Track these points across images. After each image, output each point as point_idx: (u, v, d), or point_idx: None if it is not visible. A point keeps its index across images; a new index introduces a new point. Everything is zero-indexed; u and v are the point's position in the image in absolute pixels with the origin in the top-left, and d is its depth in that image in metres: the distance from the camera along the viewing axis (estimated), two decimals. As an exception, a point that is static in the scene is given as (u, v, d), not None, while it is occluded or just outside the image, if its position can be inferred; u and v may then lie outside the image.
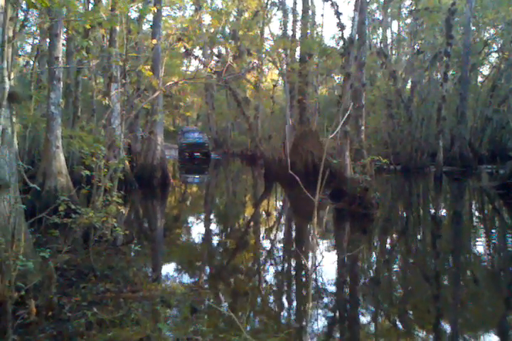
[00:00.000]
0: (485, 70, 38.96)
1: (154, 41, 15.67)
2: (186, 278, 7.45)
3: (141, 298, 5.86)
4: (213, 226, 12.45)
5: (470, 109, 30.36)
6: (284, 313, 6.21)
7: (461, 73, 28.57)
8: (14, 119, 6.30)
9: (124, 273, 6.81)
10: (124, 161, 9.55)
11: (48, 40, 16.08)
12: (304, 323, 5.57)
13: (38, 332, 4.66)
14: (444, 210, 14.85)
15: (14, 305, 4.67)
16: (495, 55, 35.99)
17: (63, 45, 14.85)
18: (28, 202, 6.54)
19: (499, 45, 33.78)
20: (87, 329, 4.81)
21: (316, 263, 3.39)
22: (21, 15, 18.17)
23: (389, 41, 33.09)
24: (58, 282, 5.64)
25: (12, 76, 6.01)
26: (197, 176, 25.70)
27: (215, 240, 10.70)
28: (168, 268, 8.09)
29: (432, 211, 14.82)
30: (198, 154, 31.65)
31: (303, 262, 8.20)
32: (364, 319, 6.02)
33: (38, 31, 21.78)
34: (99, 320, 5.02)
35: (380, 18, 31.71)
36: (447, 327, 5.88)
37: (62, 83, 12.34)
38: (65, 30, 14.75)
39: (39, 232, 7.05)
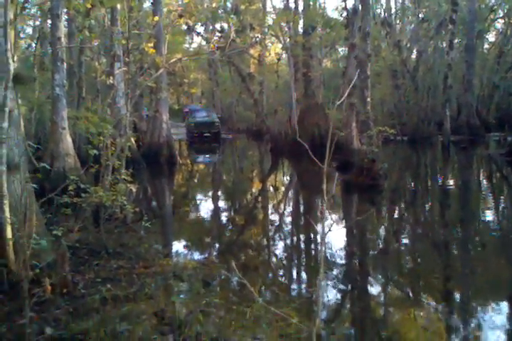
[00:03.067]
0: (491, 37, 38.37)
1: (156, 18, 15.55)
2: (197, 253, 7.54)
3: (153, 273, 5.95)
4: (222, 203, 12.52)
5: (477, 76, 29.99)
6: (295, 284, 6.29)
7: (466, 40, 28.14)
8: (19, 102, 6.31)
9: (135, 249, 6.90)
10: (130, 139, 9.57)
11: (49, 21, 16.00)
12: (316, 293, 5.65)
13: (54, 309, 4.75)
14: (452, 180, 14.84)
15: (30, 284, 4.76)
16: (501, 21, 35.38)
17: (64, 26, 14.74)
18: (37, 183, 6.59)
19: (505, 11, 33.20)
20: (102, 305, 4.89)
21: (326, 230, 3.41)
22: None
23: (393, 10, 32.58)
24: (71, 260, 5.72)
25: (15, 58, 6.00)
26: (207, 156, 25.35)
27: (224, 216, 10.78)
28: (179, 244, 8.19)
29: (440, 181, 14.80)
30: (208, 134, 29.76)
31: (313, 230, 8.28)
32: (374, 288, 6.10)
33: (39, 13, 21.59)
34: (113, 295, 5.11)
35: (384, -14, 31.17)
36: (458, 296, 5.91)
37: (65, 64, 12.30)
38: (65, 10, 14.59)
39: (50, 212, 7.13)
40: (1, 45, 5.46)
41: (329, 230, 3.53)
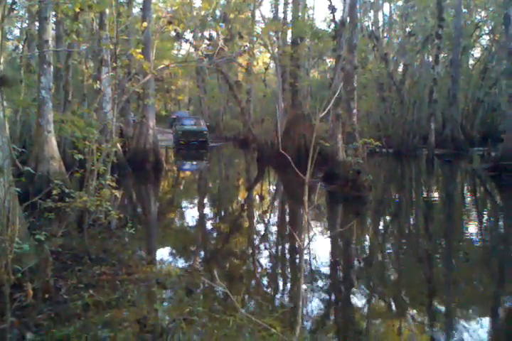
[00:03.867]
0: (476, 53, 38.95)
1: (145, 24, 15.54)
2: (181, 261, 7.50)
3: (136, 280, 5.90)
4: (207, 210, 12.48)
5: (461, 91, 30.39)
6: (279, 294, 6.27)
7: (452, 56, 28.53)
8: (5, 104, 6.26)
9: (119, 256, 6.84)
10: (116, 144, 9.53)
11: (37, 23, 15.92)
12: (297, 303, 5.65)
13: (36, 314, 4.70)
14: (436, 192, 14.96)
15: (11, 288, 4.69)
16: (486, 37, 35.99)
17: (52, 28, 14.69)
18: (21, 187, 6.53)
19: (490, 28, 33.73)
20: (84, 311, 4.85)
21: (308, 240, 3.42)
22: (9, -1, 17.89)
23: (380, 24, 32.95)
24: (54, 265, 5.65)
25: (2, 60, 5.96)
26: (194, 163, 25.09)
27: (209, 223, 10.74)
28: (163, 251, 8.14)
29: (424, 193, 14.92)
30: (196, 142, 29.28)
31: (297, 240, 8.28)
32: (357, 299, 6.10)
33: (27, 15, 21.49)
34: (95, 301, 5.07)
35: (372, 0, 31.52)
36: (441, 308, 5.94)
37: (52, 67, 12.24)
38: (54, 13, 14.55)
39: (33, 216, 7.05)
40: (-11, 48, 5.43)
41: (310, 241, 3.53)
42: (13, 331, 4.31)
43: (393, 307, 5.95)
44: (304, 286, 5.04)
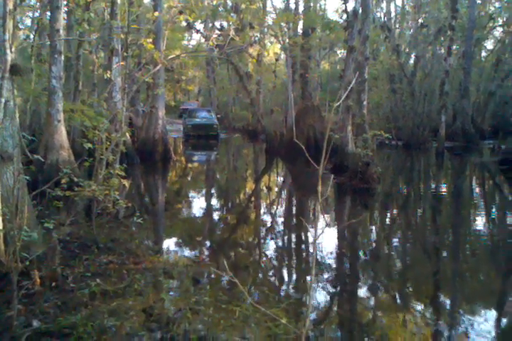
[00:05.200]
0: (489, 44, 38.52)
1: (156, 14, 15.49)
2: (188, 251, 7.52)
3: (143, 269, 5.93)
4: (215, 201, 12.50)
5: (473, 83, 30.11)
6: (285, 285, 6.28)
7: (465, 47, 28.23)
8: (15, 92, 6.28)
9: (126, 245, 6.87)
10: (125, 134, 9.53)
11: (48, 13, 15.94)
12: (306, 294, 5.66)
13: (43, 302, 4.73)
14: (445, 185, 14.88)
15: (19, 276, 4.72)
16: (500, 29, 35.53)
17: (64, 18, 14.67)
18: (30, 175, 6.56)
19: (504, 19, 33.32)
20: (90, 300, 4.88)
21: (321, 231, 3.39)
22: (21, -13, 17.90)
23: (393, 15, 32.68)
24: (61, 254, 5.69)
25: (13, 49, 5.96)
26: (202, 153, 25.00)
27: (217, 214, 10.76)
28: (170, 241, 8.17)
29: (433, 186, 14.84)
30: (206, 136, 28.23)
31: (305, 232, 8.28)
32: (363, 292, 6.10)
33: (38, 4, 21.48)
34: (102, 290, 5.09)
35: (385, -9, 31.23)
36: (446, 301, 5.94)
37: (63, 56, 12.25)
38: (65, 2, 14.54)
39: (42, 205, 7.09)
40: (0, 36, 5.42)
41: (322, 232, 3.50)
42: (19, 318, 4.34)
43: (399, 300, 5.94)
44: (314, 271, 5.06)
